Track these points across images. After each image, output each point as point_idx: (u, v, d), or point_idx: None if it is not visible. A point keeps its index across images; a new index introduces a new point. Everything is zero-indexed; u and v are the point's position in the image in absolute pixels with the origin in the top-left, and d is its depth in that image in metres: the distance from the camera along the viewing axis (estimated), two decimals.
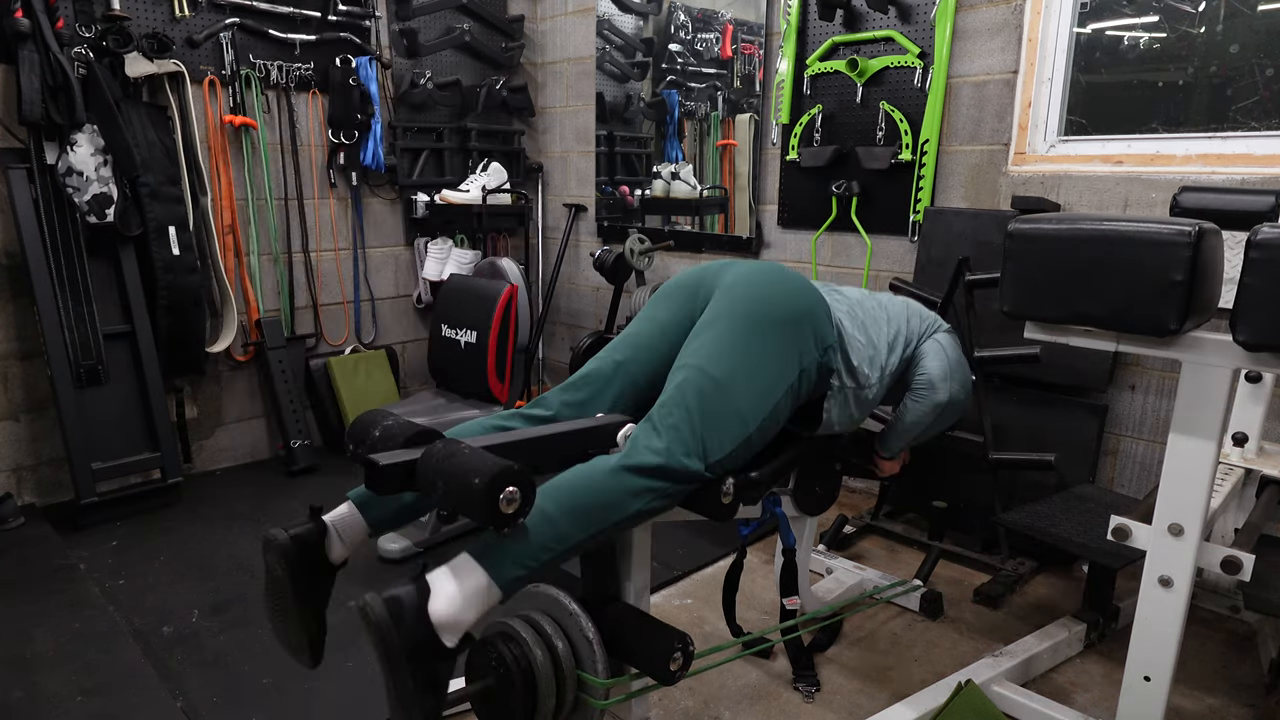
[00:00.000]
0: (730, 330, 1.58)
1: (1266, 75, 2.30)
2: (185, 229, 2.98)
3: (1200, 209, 1.78)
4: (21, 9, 2.57)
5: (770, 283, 1.66)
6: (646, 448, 1.44)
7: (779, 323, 1.60)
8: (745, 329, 1.58)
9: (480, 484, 1.19)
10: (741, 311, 1.60)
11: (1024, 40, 2.60)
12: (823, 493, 1.95)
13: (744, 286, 1.65)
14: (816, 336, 1.64)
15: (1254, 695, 1.95)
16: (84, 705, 1.87)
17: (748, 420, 1.53)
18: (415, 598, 1.23)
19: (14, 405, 2.89)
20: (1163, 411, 2.47)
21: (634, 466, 1.41)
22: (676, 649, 1.35)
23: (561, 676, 1.33)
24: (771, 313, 1.60)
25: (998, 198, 2.71)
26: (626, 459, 1.43)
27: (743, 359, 1.55)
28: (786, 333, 1.60)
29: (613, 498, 1.39)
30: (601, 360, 1.72)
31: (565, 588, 1.42)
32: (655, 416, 1.50)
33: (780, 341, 1.59)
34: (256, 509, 2.97)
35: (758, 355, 1.56)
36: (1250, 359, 1.33)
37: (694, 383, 1.51)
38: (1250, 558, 1.49)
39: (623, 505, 1.39)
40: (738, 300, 1.63)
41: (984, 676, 1.88)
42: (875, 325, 1.80)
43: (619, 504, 1.39)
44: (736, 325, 1.59)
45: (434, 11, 3.71)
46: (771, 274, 1.68)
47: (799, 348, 1.60)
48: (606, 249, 3.51)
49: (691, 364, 1.55)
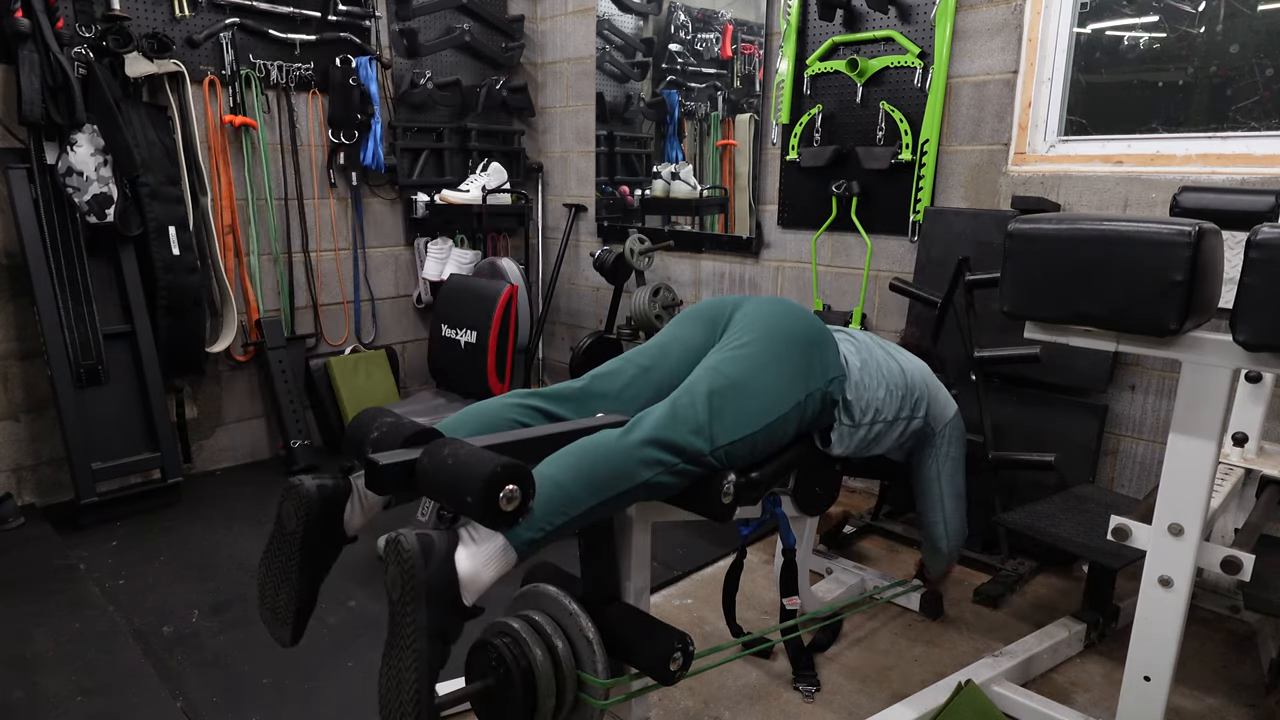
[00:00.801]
0: (746, 344, 1.67)
1: (1266, 75, 2.30)
2: (185, 229, 2.98)
3: (1200, 209, 1.78)
4: (21, 9, 2.57)
5: (786, 312, 1.77)
6: (656, 422, 1.47)
7: (792, 344, 1.70)
8: (761, 344, 1.67)
9: (478, 483, 1.19)
10: (760, 329, 1.70)
11: (1024, 40, 2.60)
12: (823, 493, 1.95)
13: (762, 312, 1.76)
14: (824, 365, 1.74)
15: (1254, 695, 1.95)
16: (84, 705, 1.87)
17: (755, 419, 1.58)
18: (446, 542, 1.22)
19: (14, 405, 2.89)
20: (1163, 411, 2.47)
21: (643, 437, 1.44)
22: (676, 649, 1.36)
23: (561, 676, 1.33)
24: (786, 334, 1.70)
25: (998, 198, 2.71)
26: (635, 430, 1.46)
27: (756, 367, 1.62)
28: (797, 354, 1.69)
29: (622, 465, 1.40)
30: (626, 361, 1.77)
31: (565, 588, 1.42)
32: (667, 401, 1.54)
33: (791, 360, 1.68)
34: (256, 509, 2.97)
35: (770, 368, 1.64)
36: (1250, 359, 1.33)
37: (707, 378, 1.58)
38: (1250, 558, 1.49)
39: (632, 473, 1.40)
40: (757, 322, 1.73)
41: (984, 676, 1.88)
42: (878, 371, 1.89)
43: (628, 472, 1.40)
44: (753, 340, 1.67)
45: (434, 11, 3.71)
46: (787, 305, 1.81)
47: (807, 371, 1.70)
48: (606, 249, 3.51)
49: (709, 365, 1.63)
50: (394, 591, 1.20)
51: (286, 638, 1.41)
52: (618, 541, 1.54)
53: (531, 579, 1.51)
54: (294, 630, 1.40)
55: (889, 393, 1.88)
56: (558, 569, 1.56)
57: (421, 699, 1.16)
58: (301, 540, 1.35)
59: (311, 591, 1.40)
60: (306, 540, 1.36)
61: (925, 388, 2.00)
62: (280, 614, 1.40)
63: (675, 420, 1.48)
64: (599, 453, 1.41)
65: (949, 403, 2.08)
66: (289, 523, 1.37)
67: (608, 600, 1.49)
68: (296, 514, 1.35)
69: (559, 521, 1.32)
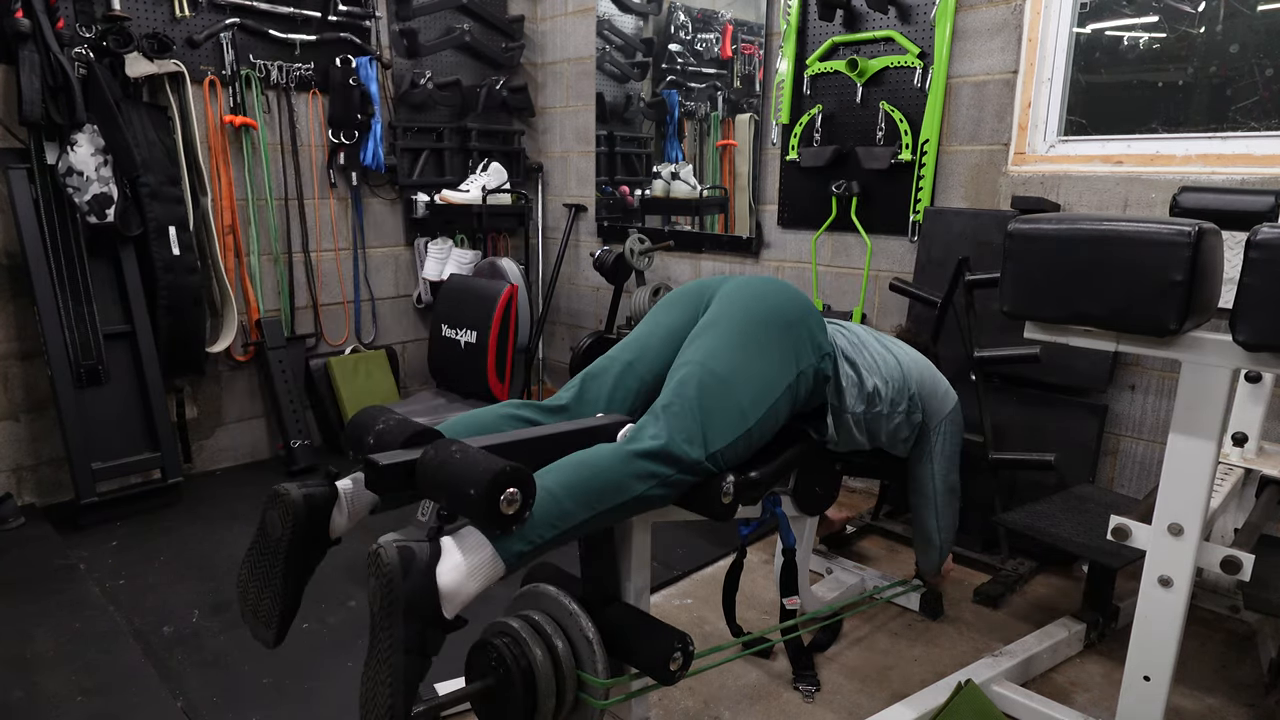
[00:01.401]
0: (730, 330, 1.63)
1: (1266, 75, 2.30)
2: (185, 229, 2.98)
3: (1200, 209, 1.78)
4: (21, 9, 2.57)
5: (768, 290, 1.72)
6: (649, 435, 1.46)
7: (777, 324, 1.66)
8: (745, 329, 1.63)
9: (480, 485, 1.19)
10: (741, 314, 1.66)
11: (1024, 40, 2.60)
12: (823, 493, 1.95)
13: (743, 292, 1.71)
14: (813, 342, 1.70)
15: (1254, 695, 1.95)
16: (84, 705, 1.87)
17: (748, 415, 1.56)
18: (427, 555, 1.21)
19: (14, 405, 2.89)
20: (1163, 411, 2.47)
21: (638, 450, 1.43)
22: (676, 649, 1.35)
23: (561, 676, 1.33)
24: (769, 315, 1.66)
25: (998, 198, 2.71)
26: (630, 443, 1.45)
27: (742, 357, 1.59)
28: (784, 334, 1.66)
29: (617, 479, 1.39)
30: (610, 360, 1.75)
31: (565, 588, 1.42)
32: (657, 408, 1.52)
33: (778, 342, 1.64)
34: (256, 509, 2.95)
35: (757, 354, 1.61)
36: (1250, 359, 1.33)
37: (695, 377, 1.55)
38: (1250, 558, 1.49)
39: (626, 487, 1.40)
40: (737, 304, 1.68)
41: (984, 676, 1.88)
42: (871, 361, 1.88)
43: (622, 485, 1.39)
44: (736, 326, 1.63)
45: (434, 11, 3.71)
46: (770, 282, 1.75)
47: (796, 350, 1.66)
48: (606, 249, 3.51)
49: (693, 360, 1.59)
50: (374, 604, 1.19)
51: (270, 639, 1.40)
52: (618, 542, 1.54)
53: (531, 579, 1.51)
54: (278, 633, 1.40)
55: (885, 382, 1.86)
56: (558, 569, 1.56)
57: (395, 712, 1.15)
58: (287, 548, 1.35)
59: (295, 595, 1.40)
60: (292, 548, 1.36)
61: (922, 380, 1.98)
62: (263, 617, 1.39)
63: (668, 430, 1.46)
64: (594, 467, 1.39)
65: (948, 395, 2.05)
66: (274, 530, 1.37)
67: (608, 600, 1.49)
68: (283, 522, 1.35)
69: (549, 535, 1.31)
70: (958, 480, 2.10)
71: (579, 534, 1.38)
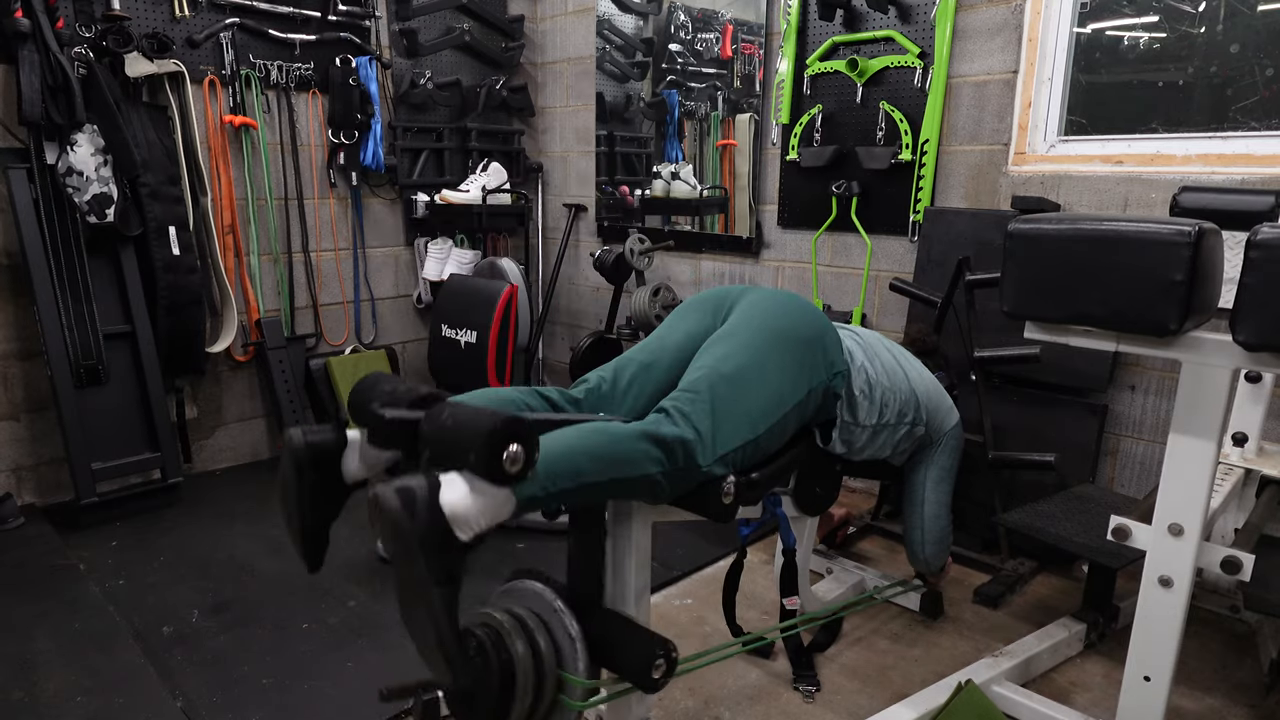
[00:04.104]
0: (748, 341, 1.65)
1: (1266, 75, 2.30)
2: (185, 229, 2.98)
3: (1200, 209, 1.78)
4: (21, 9, 2.57)
5: (789, 307, 1.75)
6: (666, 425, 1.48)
7: (795, 340, 1.69)
8: (761, 341, 1.66)
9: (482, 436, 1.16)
10: (759, 326, 1.69)
11: (1024, 40, 2.60)
12: (823, 493, 1.95)
13: (764, 305, 1.74)
14: (827, 360, 1.73)
15: (1254, 695, 1.95)
16: (84, 705, 1.87)
17: (756, 424, 1.58)
18: (425, 489, 1.20)
19: (14, 405, 2.89)
20: (1163, 411, 2.47)
21: (653, 434, 1.44)
22: (659, 655, 1.33)
23: (542, 672, 1.31)
24: (788, 330, 1.69)
25: (998, 198, 2.71)
26: (645, 426, 1.46)
27: (757, 368, 1.62)
28: (800, 350, 1.69)
29: (630, 453, 1.41)
30: (627, 360, 1.76)
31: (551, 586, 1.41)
32: (668, 405, 1.53)
33: (794, 358, 1.67)
34: (256, 509, 2.97)
35: (772, 367, 1.63)
36: (1250, 359, 1.33)
37: (708, 380, 1.57)
38: (1250, 558, 1.49)
39: (637, 463, 1.41)
40: (757, 316, 1.71)
41: (984, 676, 1.88)
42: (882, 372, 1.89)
43: (634, 460, 1.40)
44: (754, 338, 1.66)
45: (434, 11, 3.71)
46: (790, 298, 1.78)
47: (810, 367, 1.69)
48: (606, 249, 3.50)
49: (708, 365, 1.61)
50: (388, 548, 1.20)
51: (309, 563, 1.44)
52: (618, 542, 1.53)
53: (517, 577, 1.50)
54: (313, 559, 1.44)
55: (893, 396, 1.89)
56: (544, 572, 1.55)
57: (446, 642, 1.16)
58: (297, 487, 1.38)
59: (320, 530, 1.43)
60: (301, 487, 1.38)
61: (928, 394, 2.00)
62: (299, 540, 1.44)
63: (682, 424, 1.48)
64: (612, 436, 1.42)
65: (951, 413, 2.08)
66: (284, 472, 1.40)
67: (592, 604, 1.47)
68: (289, 464, 1.38)
69: (561, 485, 1.31)
70: (949, 496, 2.12)
71: (588, 496, 1.38)
